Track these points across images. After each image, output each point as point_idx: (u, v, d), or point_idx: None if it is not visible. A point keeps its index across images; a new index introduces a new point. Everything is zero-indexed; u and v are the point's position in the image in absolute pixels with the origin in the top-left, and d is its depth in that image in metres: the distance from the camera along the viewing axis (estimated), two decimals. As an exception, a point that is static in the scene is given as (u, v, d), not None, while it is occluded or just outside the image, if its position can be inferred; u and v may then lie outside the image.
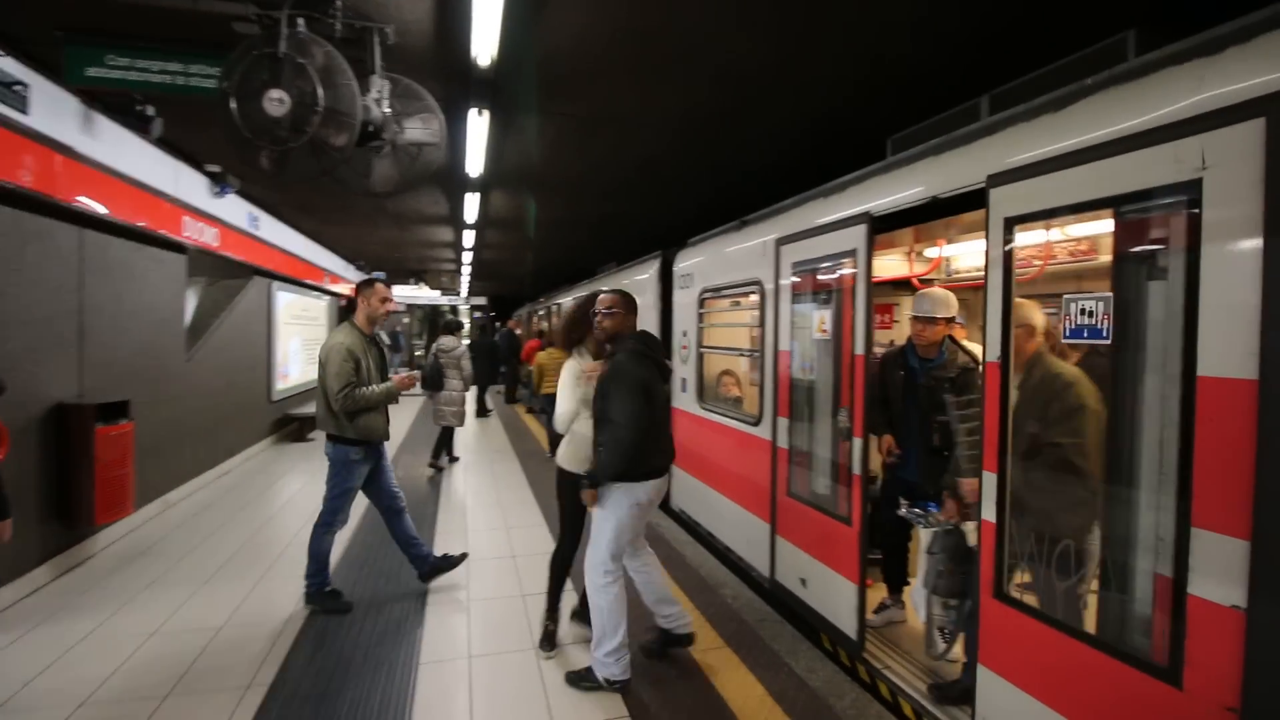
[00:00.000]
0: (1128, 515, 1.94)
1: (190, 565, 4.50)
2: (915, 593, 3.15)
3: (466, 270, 16.00)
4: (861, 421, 3.27)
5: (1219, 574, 1.63)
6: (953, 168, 2.80)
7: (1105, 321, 1.93)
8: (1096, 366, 2.16)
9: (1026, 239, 2.30)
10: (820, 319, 3.71)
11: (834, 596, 3.52)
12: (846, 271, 3.41)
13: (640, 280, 7.69)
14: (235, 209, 7.43)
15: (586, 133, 5.34)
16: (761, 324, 4.43)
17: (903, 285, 5.80)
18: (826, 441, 3.69)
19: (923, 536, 3.10)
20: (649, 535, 3.71)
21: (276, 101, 3.28)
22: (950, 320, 3.45)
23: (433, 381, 7.23)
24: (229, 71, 3.27)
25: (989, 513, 2.36)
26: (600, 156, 5.99)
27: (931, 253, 5.27)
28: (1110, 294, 1.93)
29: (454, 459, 7.93)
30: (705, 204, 7.56)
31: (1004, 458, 2.30)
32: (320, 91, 3.26)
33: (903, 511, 3.28)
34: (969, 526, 2.90)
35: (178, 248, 6.14)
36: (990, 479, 2.35)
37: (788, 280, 4.09)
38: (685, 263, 6.25)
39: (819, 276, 3.75)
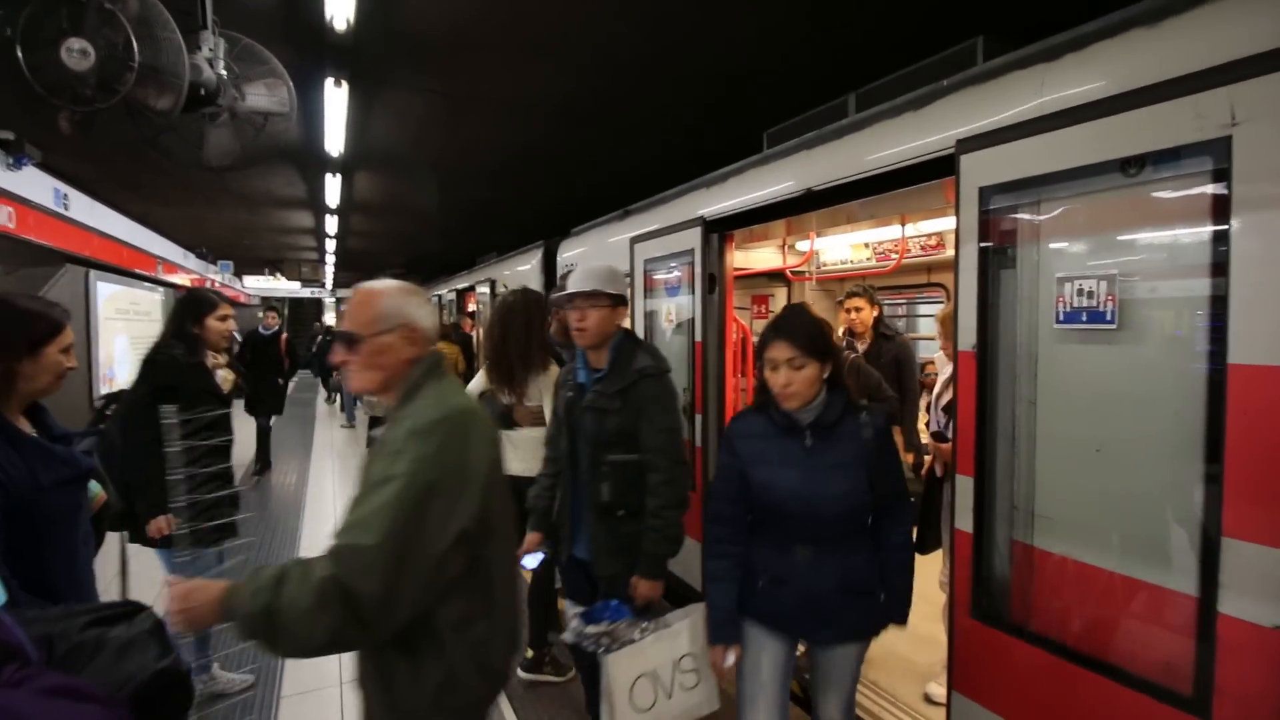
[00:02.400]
0: (1152, 523, 1.71)
1: None
2: None
3: (330, 260, 14.76)
4: (701, 400, 3.73)
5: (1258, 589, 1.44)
6: (821, 162, 2.97)
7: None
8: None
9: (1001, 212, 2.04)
10: (667, 310, 4.22)
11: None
12: (686, 268, 3.88)
13: (522, 271, 7.45)
14: (37, 185, 6.28)
15: (458, 113, 5.04)
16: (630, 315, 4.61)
17: (777, 277, 6.09)
18: None
19: (607, 666, 1.95)
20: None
21: (78, 54, 2.76)
22: (618, 303, 2.31)
23: None
24: (11, 14, 2.71)
25: (964, 522, 2.07)
26: (474, 139, 5.70)
27: (803, 245, 5.56)
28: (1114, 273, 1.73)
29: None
30: (591, 192, 7.46)
31: (981, 458, 2.01)
32: (135, 44, 2.79)
33: (572, 637, 2.05)
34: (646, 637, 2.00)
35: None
36: (965, 483, 2.06)
37: (640, 275, 4.49)
38: (569, 253, 6.13)
39: (663, 274, 4.25)
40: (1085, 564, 1.82)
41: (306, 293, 21.76)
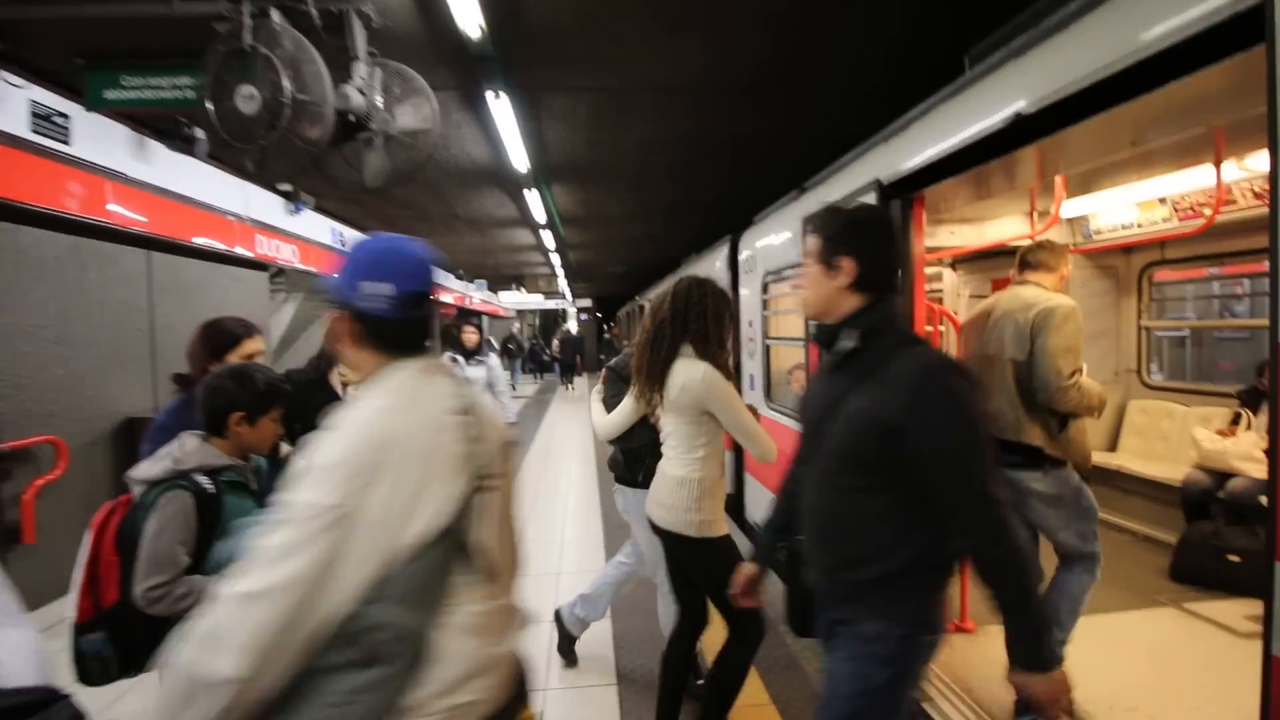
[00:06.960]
0: None
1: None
2: None
3: (561, 272, 16.04)
4: None
5: None
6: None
7: None
8: None
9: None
10: None
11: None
12: None
13: (714, 270, 7.05)
14: (317, 225, 7.72)
15: (619, 109, 4.82)
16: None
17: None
18: None
19: None
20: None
21: (247, 98, 3.09)
22: None
23: None
24: (204, 73, 3.13)
25: None
26: (644, 134, 5.44)
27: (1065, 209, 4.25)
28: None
29: None
30: (781, 173, 6.76)
31: None
32: (287, 82, 3.02)
33: None
34: None
35: (259, 266, 6.40)
36: None
37: None
38: (748, 245, 5.55)
39: None
40: None
41: (551, 304, 24.14)
